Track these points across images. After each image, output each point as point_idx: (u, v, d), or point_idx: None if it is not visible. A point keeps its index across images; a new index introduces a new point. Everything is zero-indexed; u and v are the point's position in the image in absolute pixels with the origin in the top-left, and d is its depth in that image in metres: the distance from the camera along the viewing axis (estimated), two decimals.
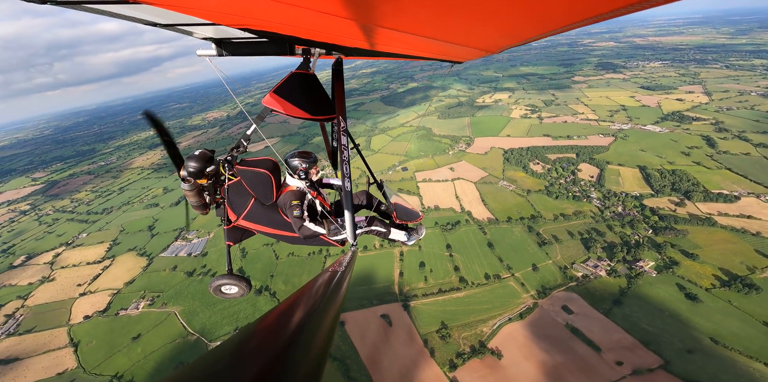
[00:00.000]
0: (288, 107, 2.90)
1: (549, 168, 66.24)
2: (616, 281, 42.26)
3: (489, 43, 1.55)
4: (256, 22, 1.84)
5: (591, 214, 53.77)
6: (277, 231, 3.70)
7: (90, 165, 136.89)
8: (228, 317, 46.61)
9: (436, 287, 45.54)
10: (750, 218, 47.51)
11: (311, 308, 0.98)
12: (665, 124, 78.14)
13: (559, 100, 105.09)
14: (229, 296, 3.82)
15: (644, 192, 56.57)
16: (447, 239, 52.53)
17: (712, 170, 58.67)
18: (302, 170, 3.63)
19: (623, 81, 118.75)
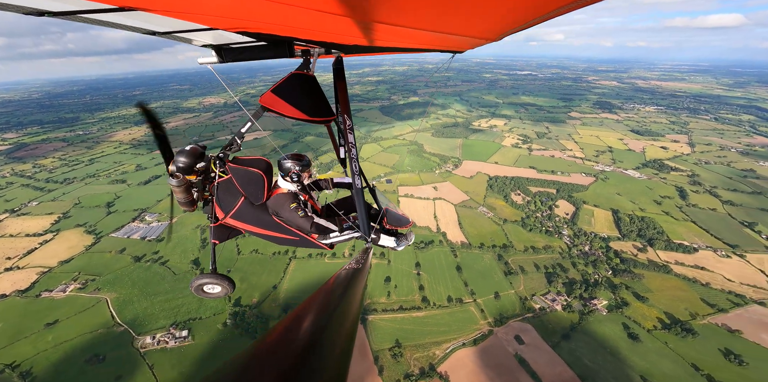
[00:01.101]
0: (286, 108, 2.96)
1: (529, 200, 71.58)
2: (569, 315, 46.30)
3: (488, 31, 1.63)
4: (253, 25, 1.95)
5: (559, 250, 58.47)
6: (265, 231, 3.75)
7: (67, 133, 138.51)
8: (167, 310, 45.34)
9: (397, 303, 47.37)
10: (703, 269, 52.72)
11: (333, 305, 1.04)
12: (645, 170, 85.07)
13: (551, 134, 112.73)
14: (211, 296, 3.94)
15: (612, 235, 61.78)
16: (418, 257, 56.01)
17: (678, 222, 64.51)
18: (295, 173, 3.74)
19: (616, 122, 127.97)
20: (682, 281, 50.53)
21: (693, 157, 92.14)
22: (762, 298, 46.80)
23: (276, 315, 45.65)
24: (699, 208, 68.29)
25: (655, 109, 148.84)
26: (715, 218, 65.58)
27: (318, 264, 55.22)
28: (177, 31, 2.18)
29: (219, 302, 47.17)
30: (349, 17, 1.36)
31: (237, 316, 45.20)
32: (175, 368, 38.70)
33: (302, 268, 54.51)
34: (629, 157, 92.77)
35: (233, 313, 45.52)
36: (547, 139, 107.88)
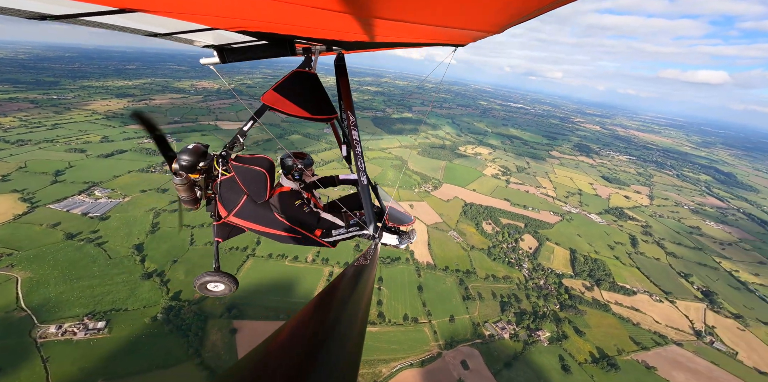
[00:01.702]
0: (288, 106, 3.03)
1: (498, 231, 77.97)
2: (514, 344, 51.04)
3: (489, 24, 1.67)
4: (253, 24, 2.00)
5: (517, 281, 64.19)
6: (267, 229, 3.83)
7: (40, 95, 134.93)
8: (87, 298, 42.08)
9: None
10: (637, 311, 59.77)
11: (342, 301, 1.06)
12: (606, 216, 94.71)
13: (530, 170, 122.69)
14: (215, 294, 4.08)
15: (566, 272, 68.53)
16: (382, 272, 58.92)
17: (624, 266, 72.56)
18: (297, 171, 3.88)
19: (590, 167, 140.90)
20: (618, 319, 57.11)
21: (650, 210, 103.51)
22: (681, 339, 54.05)
23: (218, 314, 43.89)
24: (645, 256, 77.09)
25: (627, 159, 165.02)
26: (657, 266, 74.29)
27: (277, 265, 54.98)
28: (178, 32, 2.27)
29: (153, 294, 44.78)
30: (349, 14, 1.41)
31: (171, 311, 42.79)
32: (75, 364, 35.40)
33: (259, 267, 53.74)
34: (595, 202, 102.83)
35: (168, 307, 43.06)
36: (525, 174, 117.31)
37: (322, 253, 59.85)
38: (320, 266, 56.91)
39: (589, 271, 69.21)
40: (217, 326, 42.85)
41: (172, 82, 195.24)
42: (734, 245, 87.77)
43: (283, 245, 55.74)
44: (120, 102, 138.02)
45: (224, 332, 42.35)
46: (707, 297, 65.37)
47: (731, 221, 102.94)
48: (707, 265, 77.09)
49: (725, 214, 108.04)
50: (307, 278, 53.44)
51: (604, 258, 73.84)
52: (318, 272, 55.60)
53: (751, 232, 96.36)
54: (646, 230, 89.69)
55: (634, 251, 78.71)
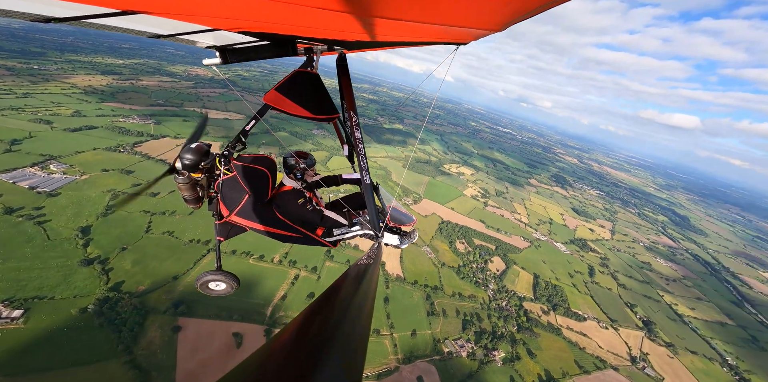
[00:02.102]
0: (290, 106, 3.10)
1: (470, 251, 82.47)
2: (470, 363, 54.01)
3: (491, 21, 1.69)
4: (254, 25, 2.03)
5: (481, 301, 68.09)
6: (269, 228, 3.91)
7: (20, 63, 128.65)
8: (8, 282, 38.90)
9: None
10: (585, 336, 65.15)
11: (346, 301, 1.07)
12: (571, 246, 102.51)
13: (508, 195, 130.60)
14: (215, 293, 4.10)
15: (528, 296, 73.51)
16: None
17: (580, 294, 78.89)
18: (299, 170, 3.97)
19: (563, 198, 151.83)
20: (567, 343, 61.99)
21: (610, 243, 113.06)
22: (618, 364, 59.52)
23: (162, 310, 41.66)
24: (599, 286, 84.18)
25: (597, 194, 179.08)
26: (608, 296, 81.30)
27: (239, 262, 53.68)
28: (180, 34, 2.33)
29: (90, 283, 41.61)
30: (350, 13, 1.44)
31: (107, 302, 39.97)
32: None
33: None
34: (562, 232, 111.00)
35: (104, 298, 40.26)
36: (503, 199, 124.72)
37: (290, 254, 60.07)
38: (286, 268, 56.50)
39: (549, 296, 74.64)
40: (159, 323, 40.24)
41: (165, 66, 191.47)
42: (678, 281, 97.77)
43: (249, 243, 57.00)
44: (104, 79, 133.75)
45: (165, 329, 39.79)
46: (646, 326, 72.47)
47: (679, 259, 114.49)
48: (651, 297, 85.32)
49: (674, 253, 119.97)
50: (270, 279, 52.27)
51: (563, 285, 79.89)
52: (283, 274, 54.78)
53: (694, 271, 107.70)
54: (603, 261, 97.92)
55: (591, 280, 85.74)
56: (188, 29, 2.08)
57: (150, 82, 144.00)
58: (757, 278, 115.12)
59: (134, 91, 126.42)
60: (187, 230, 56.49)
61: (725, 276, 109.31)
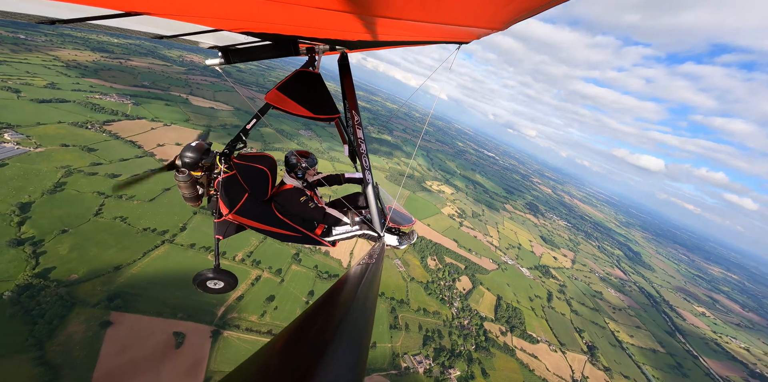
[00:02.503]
0: (291, 105, 3.13)
1: (440, 268, 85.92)
2: (426, 380, 55.93)
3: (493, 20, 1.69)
4: (257, 25, 2.06)
5: (445, 318, 70.89)
6: (268, 227, 3.93)
7: (7, 32, 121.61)
8: None
9: (269, 326, 45.78)
10: (536, 358, 69.46)
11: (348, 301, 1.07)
12: (534, 272, 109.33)
13: (483, 218, 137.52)
14: (213, 291, 4.10)
15: (489, 316, 77.40)
16: (314, 285, 59.22)
17: (536, 318, 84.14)
18: (300, 169, 3.99)
19: (534, 225, 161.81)
20: (518, 364, 65.74)
21: (569, 272, 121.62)
22: None
23: (92, 302, 38.22)
24: (554, 311, 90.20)
25: (564, 225, 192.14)
26: (560, 321, 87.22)
27: (196, 257, 50.61)
28: (183, 34, 2.36)
29: (14, 266, 38.15)
30: (352, 13, 1.45)
31: (28, 290, 36.71)
32: None
33: (173, 256, 48.52)
34: (528, 258, 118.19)
35: (26, 285, 37.00)
36: (478, 221, 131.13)
37: (255, 254, 58.77)
38: (248, 268, 55.02)
39: (508, 317, 79.02)
40: (85, 316, 36.84)
41: (161, 49, 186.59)
42: (623, 310, 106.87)
43: (209, 238, 55.83)
44: (92, 55, 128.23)
45: (92, 323, 36.41)
46: (590, 351, 78.50)
47: (627, 291, 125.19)
48: (598, 324, 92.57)
49: (624, 285, 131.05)
50: None
51: (523, 308, 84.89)
52: (243, 274, 52.88)
53: (638, 302, 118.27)
54: (561, 288, 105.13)
55: (548, 305, 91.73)
56: (191, 30, 2.14)
57: (140, 63, 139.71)
58: (691, 311, 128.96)
59: (120, 70, 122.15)
60: (144, 218, 53.25)
61: (664, 308, 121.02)
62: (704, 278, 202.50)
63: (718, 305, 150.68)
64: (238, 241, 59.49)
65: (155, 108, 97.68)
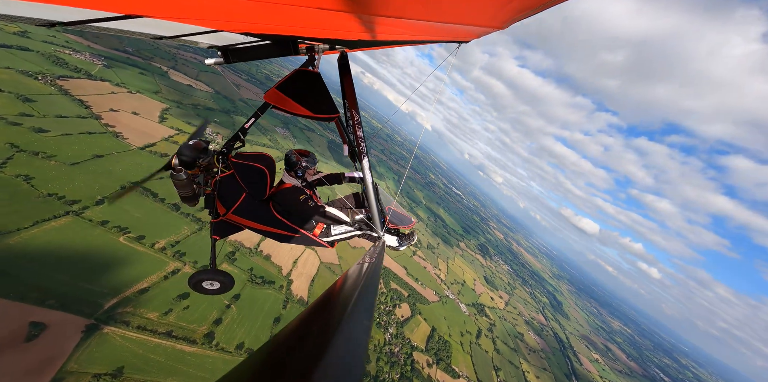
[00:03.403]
0: (290, 104, 3.12)
1: (383, 292, 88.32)
2: None
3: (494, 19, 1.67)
4: (257, 26, 2.06)
5: (377, 342, 71.67)
6: (265, 227, 3.89)
7: None
8: None
9: (170, 326, 41.05)
10: None
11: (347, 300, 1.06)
12: (471, 308, 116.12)
13: (437, 251, 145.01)
14: (209, 292, 4.05)
15: (420, 346, 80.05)
16: (244, 290, 55.17)
17: (463, 353, 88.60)
18: (300, 169, 4.02)
19: (481, 266, 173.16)
20: None
21: (501, 313, 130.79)
22: None
23: None
24: (480, 348, 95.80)
25: (507, 269, 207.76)
26: (483, 358, 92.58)
27: (104, 237, 43.97)
28: (183, 35, 2.36)
29: None
30: (352, 13, 1.46)
31: None
32: None
33: (74, 231, 41.83)
34: (469, 295, 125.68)
35: None
36: (431, 252, 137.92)
37: (182, 244, 53.53)
38: (167, 258, 49.07)
39: (437, 350, 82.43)
40: None
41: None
42: (537, 352, 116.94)
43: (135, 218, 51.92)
44: None
45: None
46: None
47: (544, 335, 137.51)
48: (513, 363, 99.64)
49: (543, 329, 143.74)
50: (138, 267, 43.73)
51: (453, 342, 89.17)
52: (158, 264, 47.21)
53: (550, 346, 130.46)
54: (491, 327, 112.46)
55: (476, 341, 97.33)
56: (191, 31, 2.15)
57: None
58: (588, 357, 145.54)
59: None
60: (55, 182, 45.79)
61: (568, 353, 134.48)
62: (605, 330, 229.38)
63: (609, 354, 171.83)
64: (166, 225, 54.69)
65: (126, 74, 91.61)
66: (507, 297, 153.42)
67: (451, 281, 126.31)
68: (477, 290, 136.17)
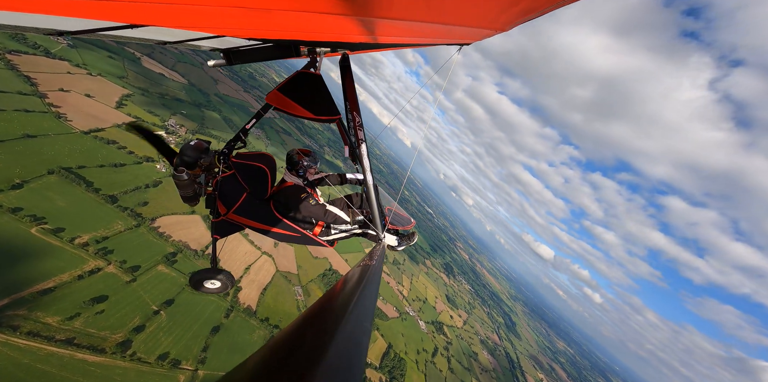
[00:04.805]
0: (291, 106, 3.15)
1: None
2: None
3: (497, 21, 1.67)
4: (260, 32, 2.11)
5: None
6: (266, 227, 3.91)
7: None
8: None
9: (72, 333, 36.30)
10: None
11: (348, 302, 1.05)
12: (430, 326, 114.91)
13: (402, 266, 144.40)
14: (210, 291, 4.21)
15: (374, 363, 75.95)
16: (179, 295, 49.92)
17: (417, 371, 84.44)
18: (301, 168, 4.07)
19: (444, 284, 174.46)
20: None
21: (458, 331, 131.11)
22: None
23: None
24: (435, 366, 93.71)
25: (469, 289, 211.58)
26: (437, 377, 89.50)
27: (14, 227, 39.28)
28: (187, 40, 2.42)
29: None
30: (353, 16, 1.45)
31: None
32: None
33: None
34: (429, 312, 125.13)
35: None
36: (396, 268, 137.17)
37: (112, 241, 47.58)
38: (87, 256, 43.47)
39: (392, 367, 79.63)
40: None
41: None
42: (488, 372, 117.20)
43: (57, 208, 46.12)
44: None
45: None
46: None
47: (497, 354, 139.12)
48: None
49: (496, 349, 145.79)
50: (48, 263, 38.99)
51: (408, 360, 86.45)
52: (74, 261, 41.93)
53: (501, 365, 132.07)
54: (447, 345, 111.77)
55: (431, 360, 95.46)
56: (194, 36, 2.22)
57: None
58: (534, 377, 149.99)
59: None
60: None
61: (517, 373, 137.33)
62: (551, 349, 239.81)
63: (553, 373, 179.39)
64: (95, 220, 48.49)
65: (92, 56, 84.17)
66: (466, 316, 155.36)
67: (413, 297, 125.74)
68: (438, 308, 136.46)
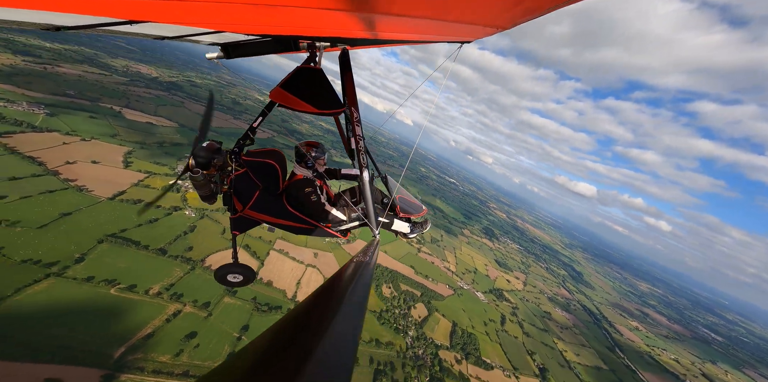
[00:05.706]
0: (295, 102, 3.20)
1: (395, 296, 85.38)
2: None
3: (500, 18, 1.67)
4: (259, 28, 2.12)
5: (398, 348, 69.07)
6: (281, 221, 4.08)
7: None
8: None
9: (185, 367, 40.95)
10: None
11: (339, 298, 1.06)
12: (489, 295, 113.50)
13: (441, 243, 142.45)
14: (234, 284, 4.45)
15: (444, 344, 77.15)
16: (251, 319, 53.95)
17: (491, 342, 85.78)
18: (309, 160, 4.20)
19: (489, 249, 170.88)
20: None
21: (521, 294, 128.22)
22: None
23: None
24: (508, 334, 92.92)
25: (517, 248, 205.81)
26: (514, 344, 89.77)
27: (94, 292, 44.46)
28: (186, 35, 2.48)
29: None
30: (354, 12, 1.45)
31: None
32: None
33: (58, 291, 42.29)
34: (484, 282, 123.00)
35: None
36: (436, 246, 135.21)
37: (177, 286, 52.84)
38: (165, 302, 48.91)
39: (463, 344, 79.46)
40: None
41: (103, 57, 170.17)
42: (569, 329, 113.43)
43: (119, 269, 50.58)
44: (12, 59, 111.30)
45: None
46: (542, 373, 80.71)
47: (572, 309, 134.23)
48: (548, 344, 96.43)
49: (569, 304, 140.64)
50: (136, 315, 44.48)
51: (478, 333, 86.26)
52: (157, 309, 47.26)
53: (581, 320, 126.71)
54: (514, 310, 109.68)
55: (501, 328, 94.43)
56: (193, 31, 2.22)
57: (71, 70, 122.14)
58: (627, 326, 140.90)
59: (41, 76, 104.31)
60: (26, 247, 46.46)
61: (604, 325, 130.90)
62: (635, 294, 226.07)
63: (648, 319, 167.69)
64: (157, 272, 54.40)
65: (75, 121, 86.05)
66: (524, 277, 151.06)
67: (463, 270, 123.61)
68: (491, 275, 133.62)
